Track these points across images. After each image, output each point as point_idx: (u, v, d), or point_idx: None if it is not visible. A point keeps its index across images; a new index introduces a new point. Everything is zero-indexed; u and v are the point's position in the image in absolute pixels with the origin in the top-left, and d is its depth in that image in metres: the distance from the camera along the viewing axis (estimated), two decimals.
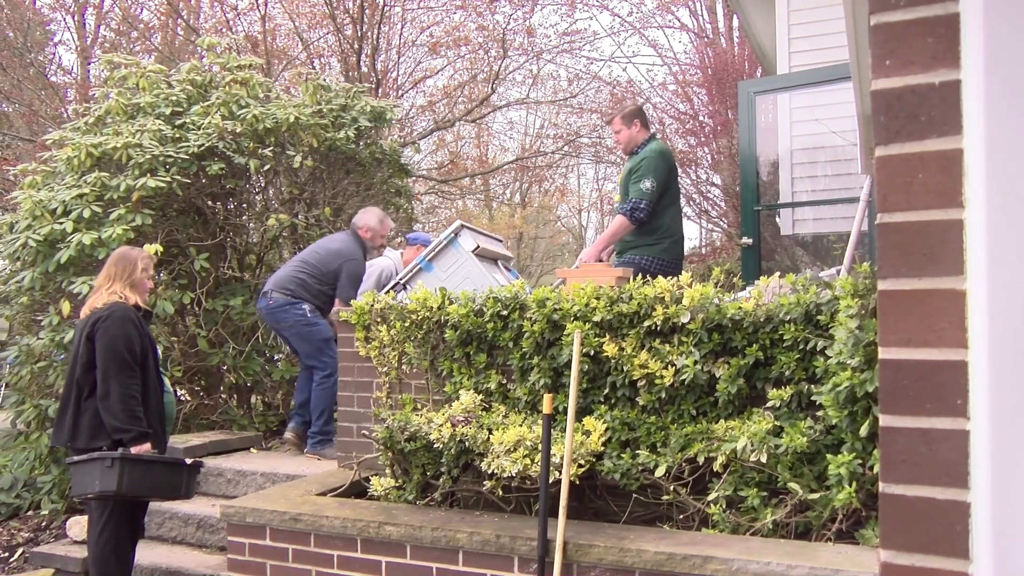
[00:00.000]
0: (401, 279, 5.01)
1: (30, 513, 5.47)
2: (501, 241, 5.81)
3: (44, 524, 5.30)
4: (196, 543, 4.59)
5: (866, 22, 1.70)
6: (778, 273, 3.46)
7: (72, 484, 3.65)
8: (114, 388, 3.65)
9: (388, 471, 3.71)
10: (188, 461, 3.91)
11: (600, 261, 4.95)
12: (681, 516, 3.22)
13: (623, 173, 5.31)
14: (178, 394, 6.08)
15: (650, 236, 5.00)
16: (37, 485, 5.41)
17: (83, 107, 6.55)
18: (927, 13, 1.05)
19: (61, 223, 5.22)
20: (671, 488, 3.20)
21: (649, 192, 4.93)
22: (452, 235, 4.90)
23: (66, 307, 5.20)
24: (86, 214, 5.22)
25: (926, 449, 1.03)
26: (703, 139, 15.94)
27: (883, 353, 1.08)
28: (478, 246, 4.87)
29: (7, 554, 4.92)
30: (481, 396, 3.71)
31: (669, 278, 3.44)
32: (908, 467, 1.04)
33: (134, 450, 3.63)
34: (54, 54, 17.46)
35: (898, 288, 1.06)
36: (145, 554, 4.46)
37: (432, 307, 3.90)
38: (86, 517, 4.76)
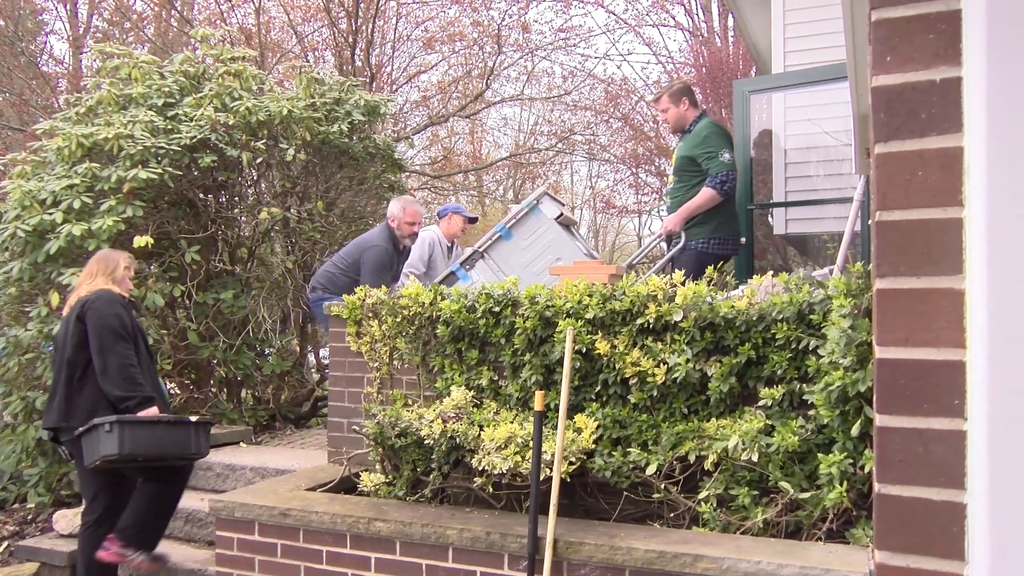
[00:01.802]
0: (480, 247, 4.93)
1: (16, 506, 5.42)
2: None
3: (30, 517, 5.26)
4: (184, 537, 4.57)
5: (864, 19, 1.69)
6: (771, 272, 3.45)
7: (84, 455, 3.69)
8: (111, 360, 3.73)
9: (378, 467, 3.69)
10: (193, 419, 3.90)
11: (592, 258, 4.93)
12: (672, 514, 3.22)
13: (678, 153, 5.27)
14: (168, 387, 6.04)
15: (707, 215, 5.03)
16: (24, 478, 5.37)
17: (74, 97, 6.49)
18: (929, 9, 1.03)
19: (51, 214, 5.17)
20: (662, 486, 3.19)
21: (731, 163, 4.97)
22: (534, 202, 4.81)
23: (55, 298, 5.15)
24: (76, 205, 5.18)
25: (922, 449, 1.02)
26: None
27: (880, 352, 1.07)
28: (561, 213, 4.79)
29: None
30: (472, 392, 3.69)
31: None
32: (904, 467, 1.03)
33: (140, 415, 3.69)
34: (45, 43, 17.34)
35: (896, 287, 1.05)
36: None
37: (424, 303, 3.88)
38: (72, 511, 4.74)
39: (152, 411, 3.76)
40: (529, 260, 4.70)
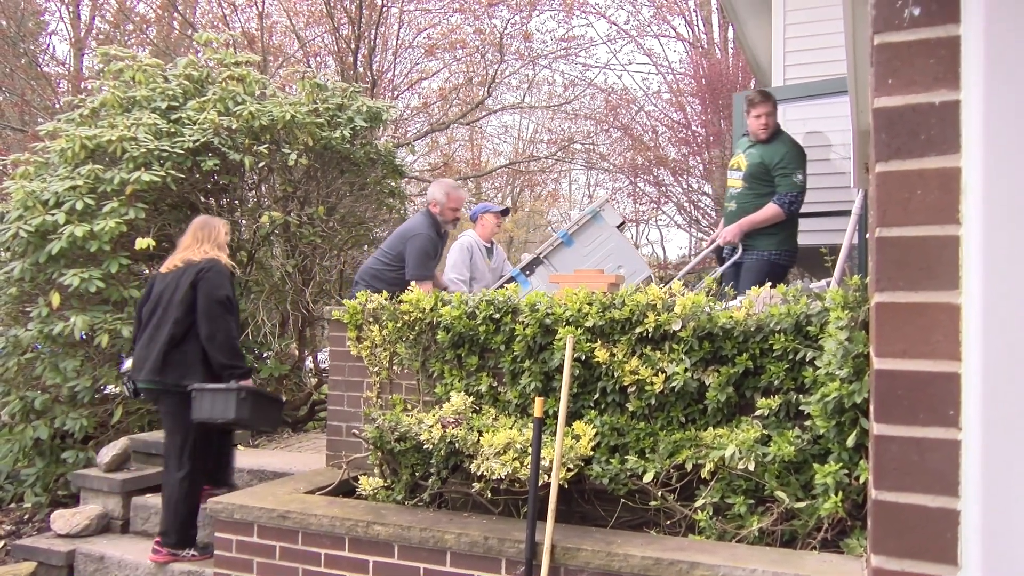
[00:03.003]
0: (540, 253, 4.91)
1: (12, 506, 5.43)
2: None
3: (27, 517, 5.27)
4: None
5: (866, 40, 1.73)
6: (769, 283, 3.49)
7: (193, 409, 4.01)
8: (220, 329, 4.11)
9: (377, 471, 3.72)
10: (283, 398, 4.77)
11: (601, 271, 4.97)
12: (668, 522, 3.25)
13: (750, 159, 5.18)
14: None
15: (776, 227, 5.06)
16: (20, 478, 5.38)
17: (77, 98, 6.52)
18: (929, 35, 1.07)
19: (53, 214, 5.20)
20: (659, 494, 3.22)
21: (802, 185, 4.99)
22: (596, 209, 4.79)
23: (56, 299, 5.18)
24: (79, 206, 5.20)
25: (918, 458, 1.06)
26: (695, 148, 16.03)
27: (878, 364, 1.10)
28: (623, 221, 4.80)
29: None
30: (472, 398, 3.72)
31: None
32: (900, 475, 1.07)
33: (241, 383, 4.09)
34: (47, 44, 17.37)
35: (894, 300, 1.09)
36: (129, 548, 4.44)
37: (424, 308, 3.91)
38: (70, 511, 4.75)
39: (248, 382, 4.17)
40: (590, 267, 4.69)
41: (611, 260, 4.55)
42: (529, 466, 3.12)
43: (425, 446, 3.41)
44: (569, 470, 3.19)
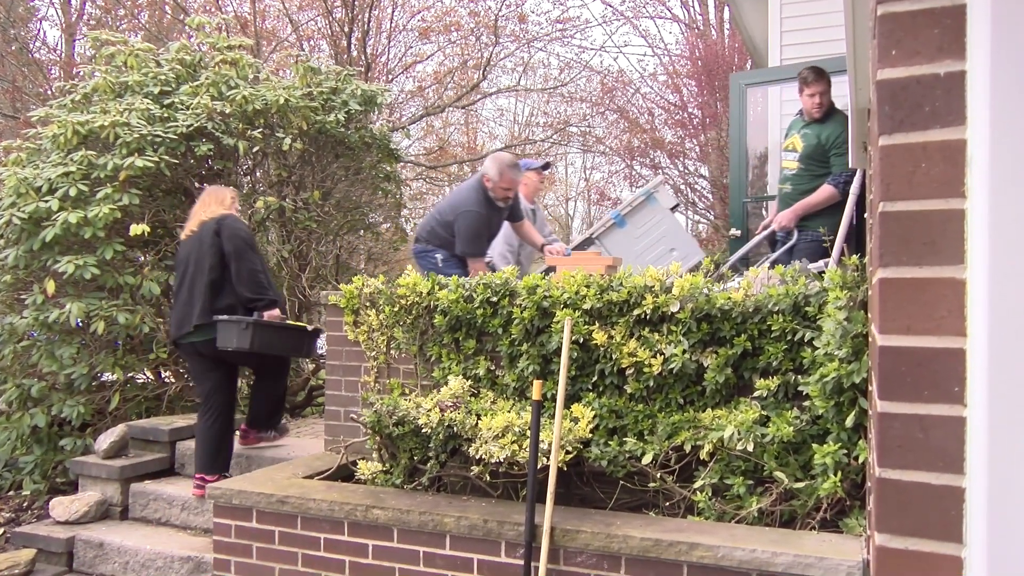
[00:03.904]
0: (593, 233, 4.83)
1: (11, 493, 5.43)
2: None
3: (26, 504, 5.26)
4: (180, 525, 4.58)
5: (866, 12, 1.71)
6: (767, 263, 3.48)
7: (218, 339, 4.37)
8: (244, 267, 4.46)
9: (375, 455, 3.71)
10: (310, 327, 4.70)
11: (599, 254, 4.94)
12: (667, 503, 3.25)
13: (807, 140, 5.06)
14: (163, 376, 6.05)
15: (831, 208, 4.93)
16: (19, 465, 5.37)
17: (69, 84, 6.46)
18: (934, 4, 1.05)
19: (47, 201, 5.15)
20: (658, 476, 3.22)
21: None
22: (651, 191, 4.69)
23: (51, 286, 5.15)
24: (72, 192, 5.16)
25: (922, 435, 1.04)
26: (691, 130, 15.97)
27: (881, 340, 1.09)
28: (678, 204, 4.72)
29: None
30: (470, 382, 3.71)
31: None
32: (904, 452, 1.06)
33: (265, 315, 4.45)
34: (38, 30, 17.21)
35: (898, 276, 1.07)
36: (128, 535, 4.45)
37: (421, 292, 3.90)
38: (68, 498, 4.74)
39: (275, 312, 4.49)
40: (642, 249, 4.61)
41: (663, 243, 4.47)
42: (528, 449, 3.12)
43: (423, 430, 3.40)
44: (568, 452, 3.19)
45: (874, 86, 1.12)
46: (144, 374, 5.90)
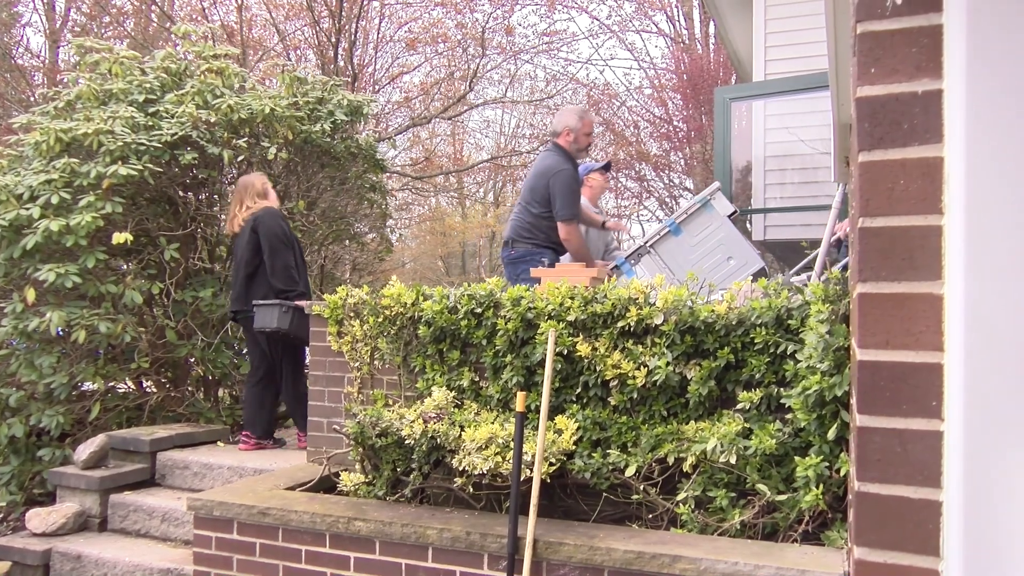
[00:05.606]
0: (647, 241, 4.70)
1: None
2: None
3: (2, 516, 5.19)
4: (160, 536, 4.53)
5: (847, 30, 1.73)
6: (750, 277, 3.50)
7: (255, 320, 4.79)
8: (277, 261, 4.92)
9: (358, 466, 3.69)
10: None
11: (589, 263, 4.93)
12: (650, 516, 3.25)
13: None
14: (144, 385, 5.99)
15: None
16: None
17: (52, 91, 6.42)
18: (911, 23, 1.07)
19: (28, 208, 5.11)
20: (641, 488, 3.22)
21: None
22: (707, 198, 4.51)
23: (31, 294, 5.10)
24: (54, 200, 5.12)
25: (901, 449, 1.05)
26: (676, 143, 16.08)
27: (860, 354, 1.10)
28: (736, 211, 4.55)
29: None
30: (453, 393, 3.70)
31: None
32: (883, 466, 1.06)
33: (296, 304, 4.77)
34: (22, 36, 17.10)
35: (877, 291, 1.08)
36: (107, 547, 4.39)
37: (406, 303, 3.89)
38: (46, 509, 4.68)
39: (303, 303, 4.71)
40: (698, 258, 4.50)
41: (720, 251, 4.33)
42: (511, 461, 3.11)
43: (407, 441, 3.39)
44: (551, 464, 3.18)
45: (854, 103, 1.14)
46: (125, 384, 5.84)
